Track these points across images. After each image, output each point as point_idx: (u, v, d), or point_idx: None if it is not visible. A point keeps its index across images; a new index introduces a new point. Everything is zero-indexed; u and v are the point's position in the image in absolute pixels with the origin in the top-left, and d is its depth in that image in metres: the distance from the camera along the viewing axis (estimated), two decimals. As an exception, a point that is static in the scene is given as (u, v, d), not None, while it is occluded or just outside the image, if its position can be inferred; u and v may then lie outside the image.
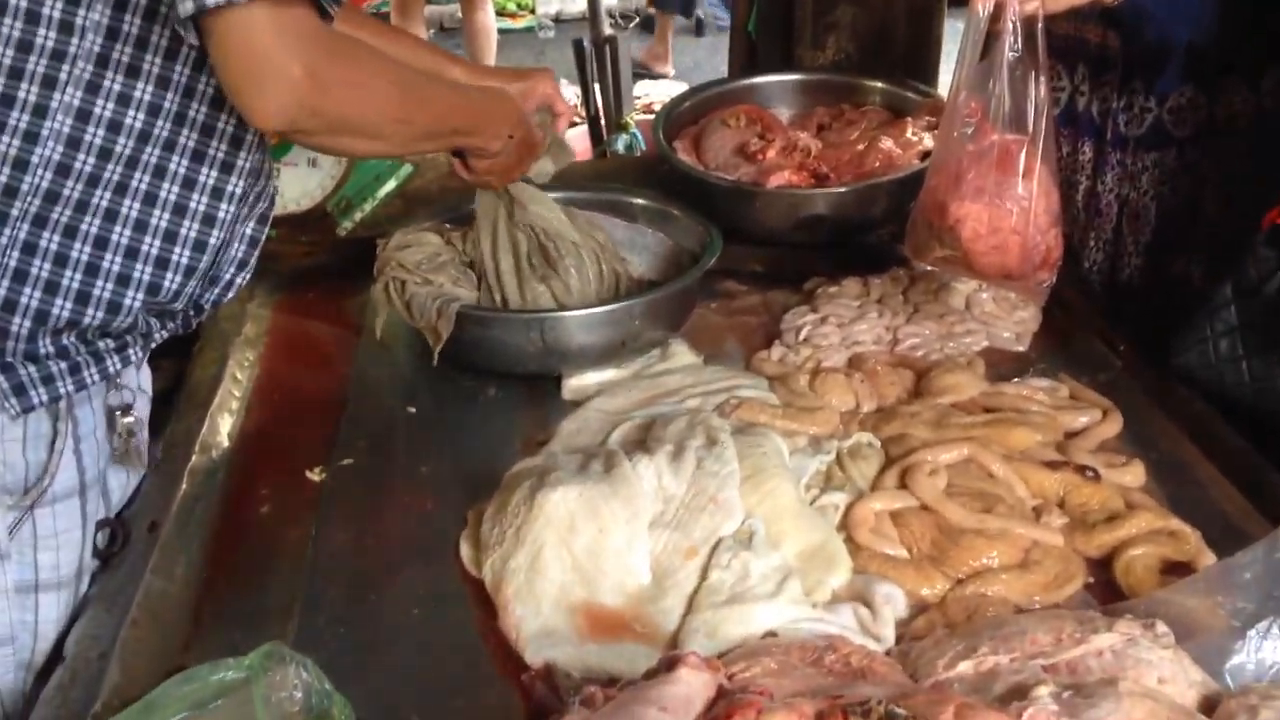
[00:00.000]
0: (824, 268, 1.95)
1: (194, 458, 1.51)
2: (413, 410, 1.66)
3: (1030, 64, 1.52)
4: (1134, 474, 1.44)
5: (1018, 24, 1.51)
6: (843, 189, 1.91)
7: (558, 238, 1.72)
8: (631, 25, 7.25)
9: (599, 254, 1.75)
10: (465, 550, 1.37)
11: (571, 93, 5.48)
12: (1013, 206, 1.56)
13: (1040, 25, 1.52)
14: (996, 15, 1.52)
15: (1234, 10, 1.66)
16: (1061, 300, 1.82)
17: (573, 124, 5.58)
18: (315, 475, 1.52)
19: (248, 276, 1.39)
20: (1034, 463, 1.43)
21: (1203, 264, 1.77)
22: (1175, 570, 1.28)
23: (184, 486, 1.46)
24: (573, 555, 1.27)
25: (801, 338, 1.76)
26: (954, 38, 2.48)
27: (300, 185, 1.99)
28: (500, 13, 7.22)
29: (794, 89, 2.26)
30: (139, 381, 1.42)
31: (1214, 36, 1.67)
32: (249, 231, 1.36)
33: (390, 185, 2.17)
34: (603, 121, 4.02)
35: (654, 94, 5.63)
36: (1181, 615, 1.15)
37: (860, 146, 2.01)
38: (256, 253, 1.39)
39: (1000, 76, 1.53)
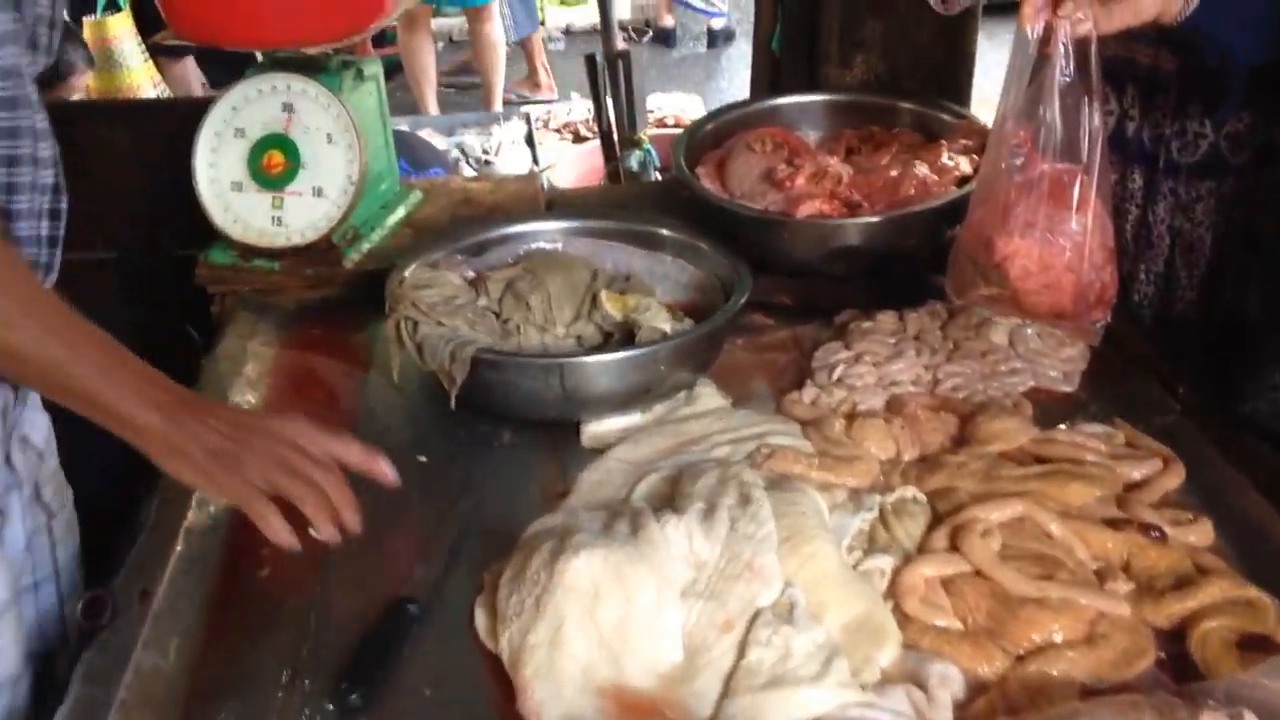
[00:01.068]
0: (856, 300, 1.84)
1: (190, 514, 1.42)
2: (424, 459, 1.56)
3: (1083, 89, 1.43)
4: (1202, 532, 1.33)
5: (1069, 46, 1.42)
6: (876, 219, 1.81)
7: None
8: (645, 39, 7.16)
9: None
10: (480, 619, 1.27)
11: (584, 107, 5.43)
12: (1066, 242, 1.48)
13: (1094, 48, 1.43)
14: (1046, 38, 1.43)
15: None
16: (1111, 336, 1.71)
17: (585, 139, 5.55)
18: (319, 533, 1.42)
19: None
20: (1093, 521, 1.33)
21: (1262, 298, 1.66)
22: (1254, 644, 1.17)
23: (179, 547, 1.37)
24: (598, 629, 1.17)
25: (835, 377, 1.66)
26: (986, 54, 2.40)
27: (305, 216, 1.89)
28: (510, 25, 7.16)
29: (821, 110, 2.16)
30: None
31: (1277, 58, 1.56)
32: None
33: (399, 214, 2.09)
34: (615, 137, 3.94)
35: (666, 108, 5.54)
36: (1269, 701, 1.05)
37: (893, 172, 1.91)
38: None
39: (1051, 103, 1.44)
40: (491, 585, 1.29)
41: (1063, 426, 1.52)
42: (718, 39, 7.41)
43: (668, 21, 7.56)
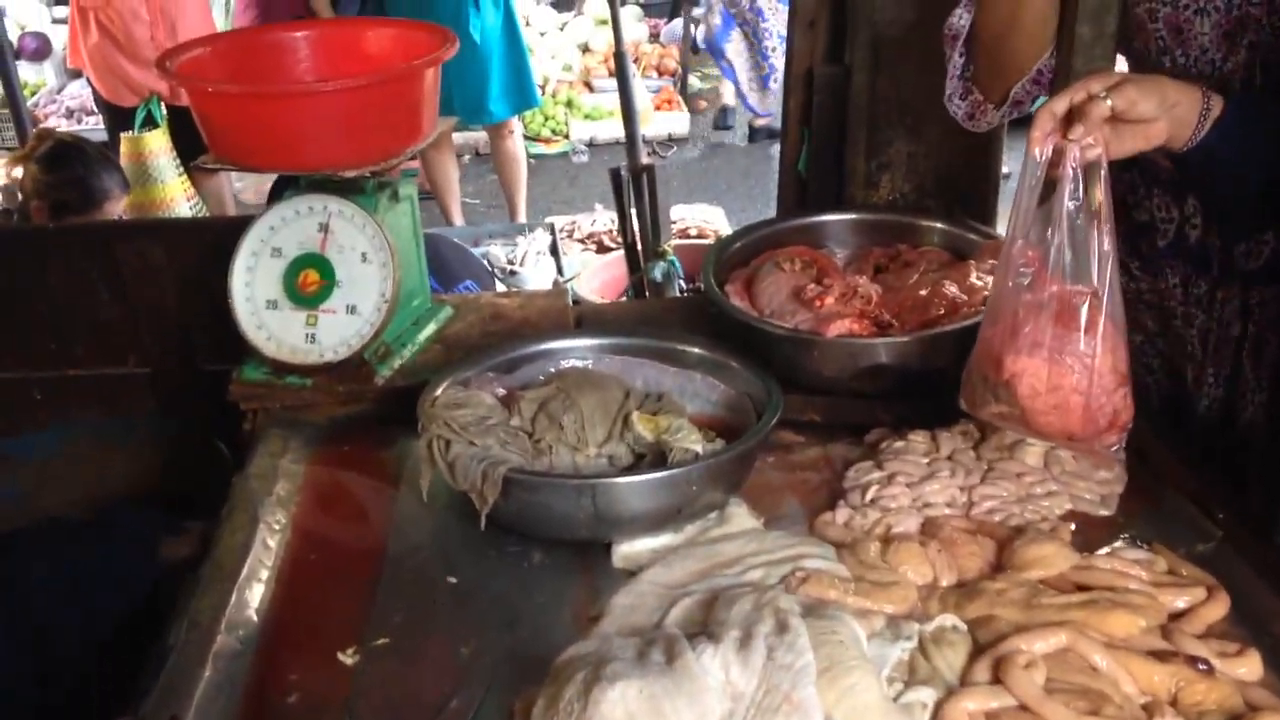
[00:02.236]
0: (886, 418, 1.84)
1: (219, 639, 1.40)
2: (453, 580, 1.55)
3: (1093, 212, 1.43)
4: (1251, 665, 1.30)
5: (1079, 170, 1.44)
6: (906, 338, 1.81)
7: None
8: (670, 154, 7.29)
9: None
10: (513, 750, 1.24)
11: (608, 218, 5.51)
12: (1074, 363, 1.47)
13: (1104, 172, 1.44)
14: (1056, 160, 1.45)
15: None
16: (1147, 458, 1.70)
17: (609, 249, 5.60)
18: (348, 658, 1.41)
19: None
20: (1138, 653, 1.30)
21: None
22: (1311, 785, 1.13)
23: (208, 672, 1.35)
24: (634, 764, 1.14)
25: (868, 498, 1.64)
26: (1015, 171, 2.42)
27: (338, 334, 1.91)
28: (534, 138, 7.32)
29: (848, 228, 2.18)
30: None
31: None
32: None
33: (430, 330, 2.10)
34: (639, 249, 3.99)
35: (690, 219, 5.61)
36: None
37: (922, 291, 1.92)
38: None
39: (1060, 226, 1.45)
40: (523, 714, 1.26)
41: (1103, 552, 1.50)
42: (759, 135, 7.61)
43: (729, 100, 7.79)
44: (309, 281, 1.91)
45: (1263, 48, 1.62)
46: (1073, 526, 1.57)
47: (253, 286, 1.93)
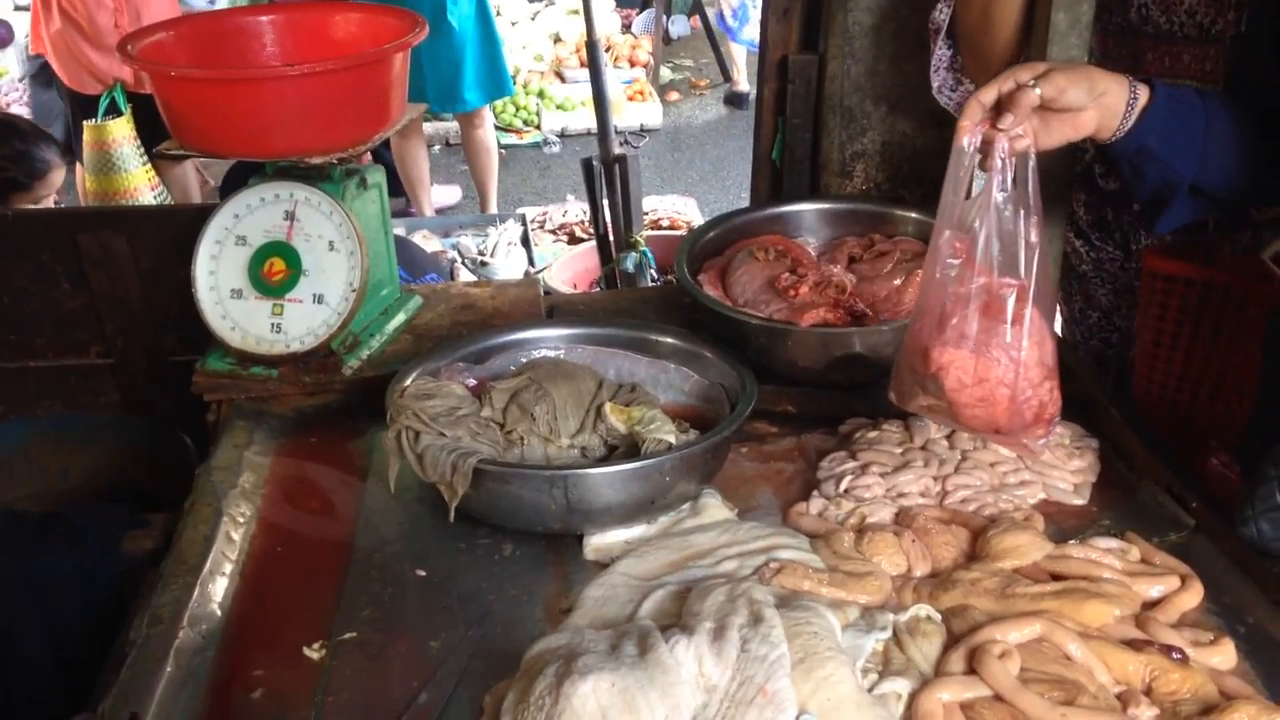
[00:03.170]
0: (860, 408, 1.83)
1: (181, 634, 1.37)
2: (422, 573, 1.52)
3: (1022, 203, 1.42)
4: (1224, 654, 1.30)
5: (1007, 161, 1.42)
6: (882, 328, 1.80)
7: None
8: (643, 143, 7.26)
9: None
10: (482, 745, 1.22)
11: (579, 209, 5.48)
12: (1000, 356, 1.45)
13: (1032, 164, 1.42)
14: (986, 151, 1.43)
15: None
16: (1120, 448, 1.70)
17: (581, 240, 5.57)
18: (314, 652, 1.38)
19: None
20: (1113, 642, 1.29)
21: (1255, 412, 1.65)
22: (1286, 773, 1.13)
23: (169, 669, 1.32)
24: (606, 758, 1.12)
25: (842, 489, 1.63)
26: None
27: (304, 323, 1.88)
28: (505, 128, 7.26)
29: (822, 218, 2.16)
30: None
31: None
32: None
33: (399, 320, 2.07)
34: (611, 240, 3.97)
35: (662, 210, 5.59)
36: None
37: (896, 281, 1.91)
38: None
39: (988, 217, 1.42)
40: (493, 708, 1.24)
41: (1073, 542, 1.49)
42: (743, 101, 7.63)
43: (742, 87, 7.83)
44: (274, 270, 1.87)
45: (1250, 3, 1.62)
46: (1045, 517, 1.56)
47: (217, 275, 1.89)
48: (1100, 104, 1.45)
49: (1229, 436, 1.75)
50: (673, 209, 5.65)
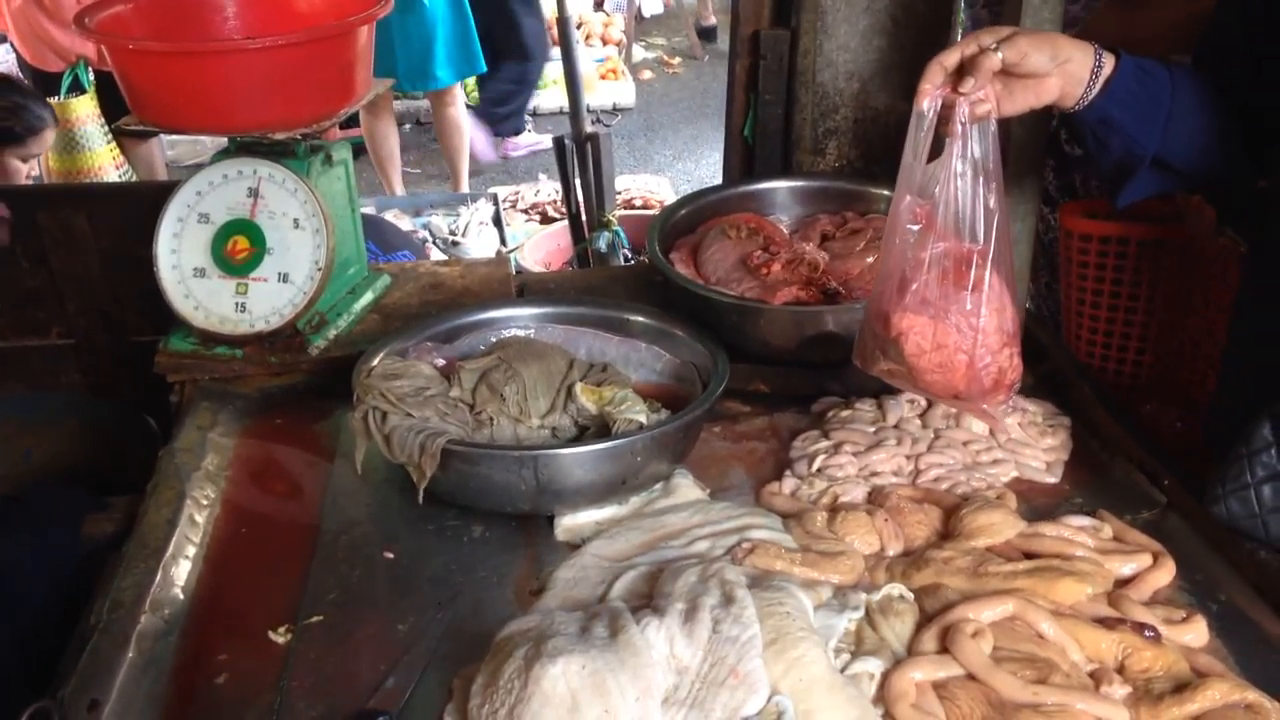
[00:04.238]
0: (833, 387, 1.82)
1: (143, 618, 1.34)
2: (390, 555, 1.50)
3: (982, 169, 1.40)
4: (1197, 631, 1.30)
5: (967, 126, 1.40)
6: (855, 306, 1.78)
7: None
8: (616, 121, 7.22)
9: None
10: (450, 729, 1.20)
11: (551, 189, 5.44)
12: (959, 321, 1.44)
13: (993, 129, 1.41)
14: (946, 116, 1.41)
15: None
16: (1093, 426, 1.70)
17: (553, 220, 5.53)
18: (280, 636, 1.36)
19: None
20: (1085, 620, 1.29)
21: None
22: (1257, 749, 1.13)
23: (130, 654, 1.30)
24: (576, 741, 1.11)
25: (815, 468, 1.62)
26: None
27: (269, 302, 1.84)
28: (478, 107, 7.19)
29: (795, 196, 2.15)
30: None
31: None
32: None
33: (367, 299, 2.04)
34: (584, 219, 3.94)
35: (635, 189, 5.56)
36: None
37: (869, 259, 1.89)
38: None
39: (948, 183, 1.41)
40: (462, 691, 1.22)
41: (1051, 520, 1.49)
42: (712, 35, 7.91)
43: (711, 20, 8.04)
44: (238, 249, 1.84)
45: None
46: (1017, 495, 1.56)
47: (179, 254, 1.85)
48: (1064, 71, 1.43)
49: (1168, 395, 1.76)
50: (645, 188, 5.62)
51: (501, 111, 6.50)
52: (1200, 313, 1.82)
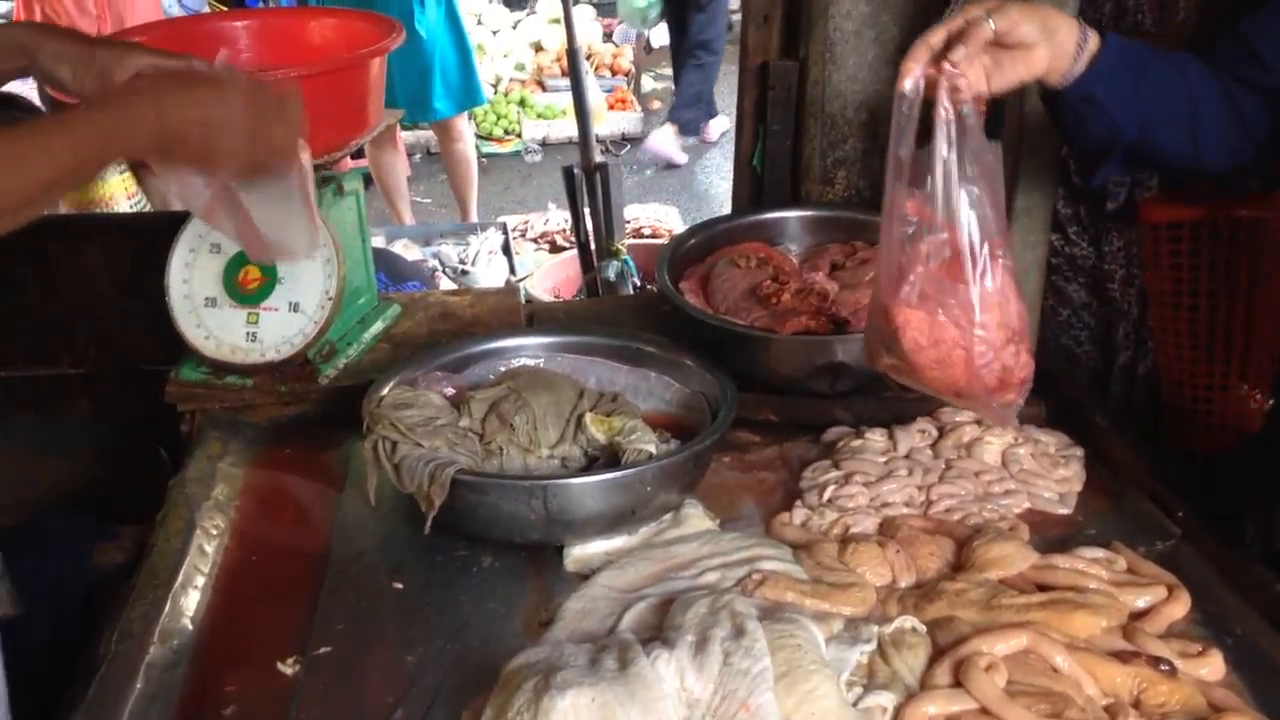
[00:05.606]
0: (843, 416, 1.81)
1: (152, 649, 1.34)
2: (399, 586, 1.49)
3: (969, 156, 1.34)
4: (1212, 665, 1.28)
5: (949, 110, 1.35)
6: (863, 336, 1.78)
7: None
8: (624, 152, 7.26)
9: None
10: (459, 763, 1.19)
11: (560, 218, 5.45)
12: (957, 316, 1.38)
13: (979, 108, 1.36)
14: (932, 97, 1.36)
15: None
16: (1105, 456, 1.69)
17: (562, 249, 5.53)
18: (288, 667, 1.35)
19: None
20: (1100, 653, 1.27)
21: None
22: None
23: (139, 685, 1.29)
24: (586, 775, 1.10)
25: (825, 498, 1.61)
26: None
27: (280, 332, 1.85)
28: (487, 137, 7.24)
29: (804, 225, 2.15)
30: None
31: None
32: None
33: (377, 328, 2.05)
34: (593, 248, 3.95)
35: (644, 218, 5.58)
36: None
37: (879, 288, 1.89)
38: None
39: (935, 171, 1.35)
40: (471, 724, 1.22)
41: (1065, 553, 1.48)
42: None
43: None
44: (250, 278, 1.85)
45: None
46: (1030, 526, 1.55)
47: (190, 284, 1.86)
48: (1053, 41, 1.41)
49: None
50: (654, 217, 5.63)
51: (690, 115, 7.07)
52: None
